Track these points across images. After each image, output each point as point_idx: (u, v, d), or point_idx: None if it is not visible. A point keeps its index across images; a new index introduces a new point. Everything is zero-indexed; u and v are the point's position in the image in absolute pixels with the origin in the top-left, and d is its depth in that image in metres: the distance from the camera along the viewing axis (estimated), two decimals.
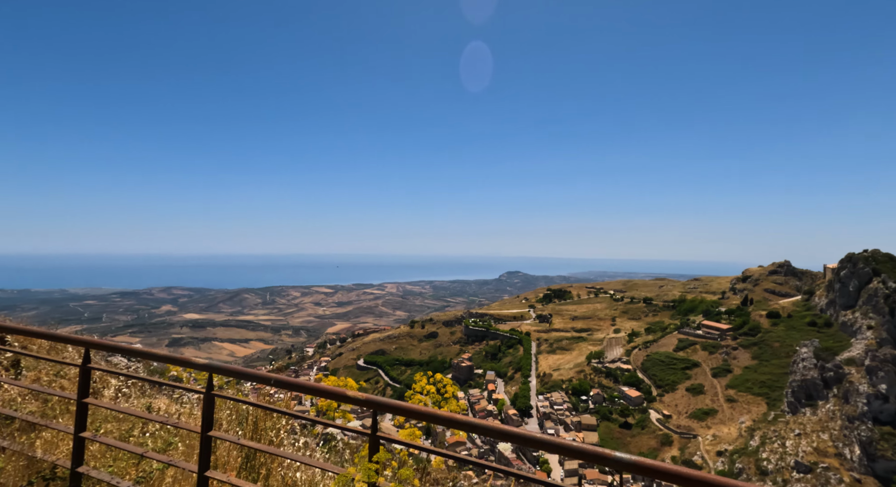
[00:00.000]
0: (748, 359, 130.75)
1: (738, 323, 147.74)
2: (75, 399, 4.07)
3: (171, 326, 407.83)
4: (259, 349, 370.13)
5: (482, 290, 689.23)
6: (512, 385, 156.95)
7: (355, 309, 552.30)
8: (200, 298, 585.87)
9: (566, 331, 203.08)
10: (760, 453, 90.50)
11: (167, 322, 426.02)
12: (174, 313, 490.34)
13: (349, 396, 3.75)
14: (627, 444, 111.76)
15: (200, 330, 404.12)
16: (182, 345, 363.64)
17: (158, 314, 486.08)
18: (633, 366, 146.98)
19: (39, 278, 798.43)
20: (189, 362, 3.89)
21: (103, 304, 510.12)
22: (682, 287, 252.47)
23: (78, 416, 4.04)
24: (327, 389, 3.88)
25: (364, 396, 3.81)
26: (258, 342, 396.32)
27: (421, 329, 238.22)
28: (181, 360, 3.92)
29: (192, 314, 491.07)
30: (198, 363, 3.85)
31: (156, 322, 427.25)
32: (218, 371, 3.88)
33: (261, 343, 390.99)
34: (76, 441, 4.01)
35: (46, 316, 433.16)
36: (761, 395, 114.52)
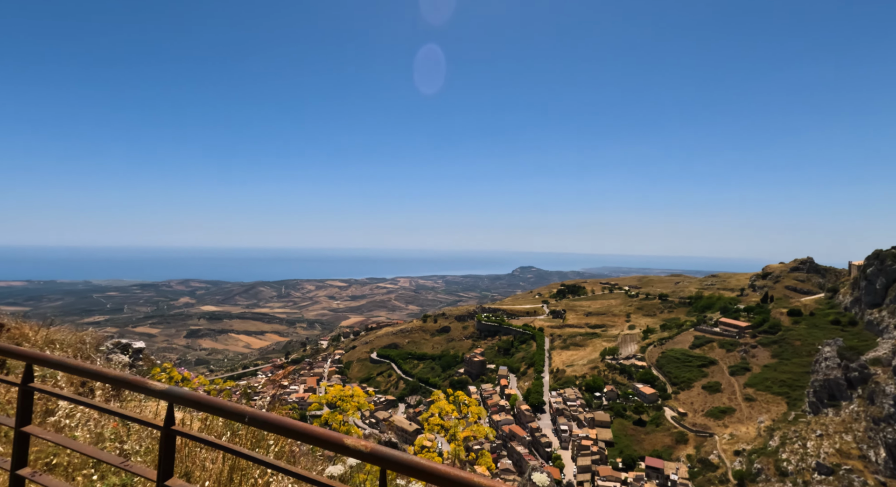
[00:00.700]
0: (768, 358, 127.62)
1: (757, 321, 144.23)
2: (12, 427, 3.23)
3: (188, 317, 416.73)
4: (274, 341, 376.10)
5: (494, 285, 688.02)
6: (525, 381, 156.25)
7: (368, 303, 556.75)
8: (217, 290, 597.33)
9: (580, 327, 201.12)
10: (780, 453, 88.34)
11: (185, 314, 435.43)
12: (192, 304, 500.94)
13: (348, 445, 3.04)
14: (641, 441, 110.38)
15: (217, 322, 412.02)
16: (200, 336, 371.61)
17: (177, 305, 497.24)
18: (648, 363, 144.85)
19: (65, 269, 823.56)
20: (144, 387, 3.09)
21: (125, 295, 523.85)
22: (698, 284, 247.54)
23: (16, 448, 3.19)
24: (318, 434, 3.08)
25: (369, 447, 3.06)
26: (273, 334, 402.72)
27: (433, 324, 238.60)
28: (135, 384, 3.11)
29: (209, 306, 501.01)
30: (155, 389, 3.07)
31: (174, 314, 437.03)
32: (179, 401, 3.09)
33: (276, 335, 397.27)
34: (13, 481, 3.18)
35: (71, 307, 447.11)
36: (781, 394, 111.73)
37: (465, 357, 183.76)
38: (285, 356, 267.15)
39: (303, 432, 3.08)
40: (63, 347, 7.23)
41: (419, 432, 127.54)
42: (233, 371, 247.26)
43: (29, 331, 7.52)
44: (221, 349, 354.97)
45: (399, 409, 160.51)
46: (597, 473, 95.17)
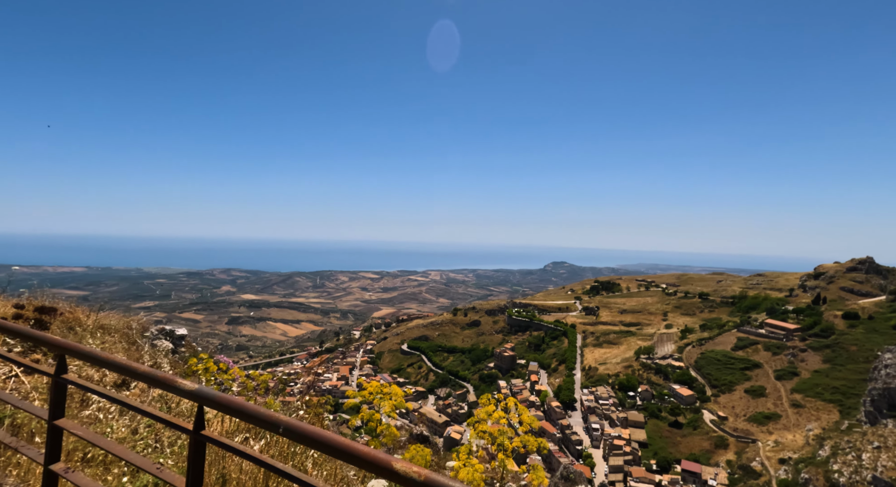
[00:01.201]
0: (818, 362, 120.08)
1: (808, 323, 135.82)
2: (46, 420, 3.11)
3: (230, 305, 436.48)
4: (309, 330, 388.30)
5: (526, 280, 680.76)
6: (555, 377, 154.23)
7: (400, 295, 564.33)
8: (256, 279, 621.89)
9: (614, 325, 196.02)
10: (831, 464, 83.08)
11: (227, 302, 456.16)
12: (233, 293, 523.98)
13: (397, 471, 2.70)
14: (677, 444, 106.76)
15: (256, 310, 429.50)
16: (240, 324, 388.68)
17: (219, 293, 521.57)
18: (686, 364, 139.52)
19: (120, 257, 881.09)
20: (173, 385, 2.84)
21: (172, 282, 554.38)
22: (743, 283, 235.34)
23: (49, 441, 3.08)
24: (363, 454, 2.75)
25: (423, 475, 2.70)
26: (309, 323, 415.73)
27: (464, 317, 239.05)
28: (164, 381, 2.85)
29: (249, 294, 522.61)
30: (184, 389, 2.82)
31: (217, 301, 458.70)
32: (210, 403, 2.82)
33: (311, 324, 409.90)
34: (46, 476, 3.04)
35: (125, 292, 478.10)
36: (833, 402, 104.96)
37: (495, 352, 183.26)
38: (320, 344, 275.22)
39: (345, 449, 2.79)
40: (111, 332, 7.52)
41: (448, 424, 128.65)
42: (270, 358, 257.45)
43: (82, 315, 7.84)
44: (260, 336, 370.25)
45: (429, 400, 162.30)
46: (629, 473, 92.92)
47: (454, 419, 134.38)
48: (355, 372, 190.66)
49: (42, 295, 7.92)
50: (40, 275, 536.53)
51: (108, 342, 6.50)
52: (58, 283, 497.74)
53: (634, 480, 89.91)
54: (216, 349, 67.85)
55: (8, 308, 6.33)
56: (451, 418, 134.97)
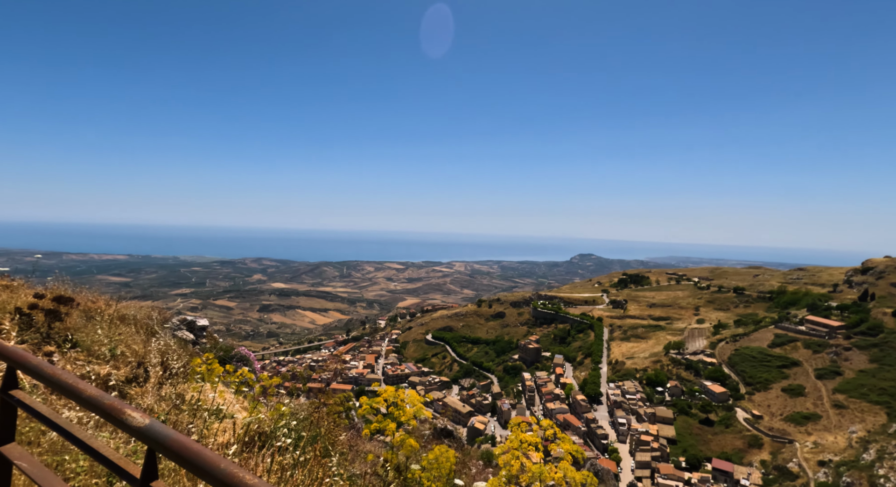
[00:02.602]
0: (864, 362, 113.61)
1: (853, 321, 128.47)
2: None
3: (261, 293, 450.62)
4: (336, 318, 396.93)
5: (552, 272, 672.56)
6: (581, 371, 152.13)
7: (424, 286, 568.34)
8: (286, 269, 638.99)
9: (642, 318, 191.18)
10: (876, 469, 78.85)
11: (258, 290, 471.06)
12: (263, 281, 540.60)
13: None
14: (708, 442, 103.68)
15: (286, 298, 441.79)
16: (270, 311, 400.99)
17: (251, 281, 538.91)
18: (719, 360, 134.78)
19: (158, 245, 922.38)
20: (120, 418, 2.20)
21: (206, 271, 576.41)
22: (781, 277, 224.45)
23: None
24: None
25: None
26: (336, 312, 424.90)
27: (488, 309, 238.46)
28: (110, 411, 2.20)
29: (279, 283, 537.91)
30: (132, 424, 2.18)
31: (248, 289, 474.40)
32: (160, 447, 2.16)
33: (338, 313, 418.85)
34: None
35: (163, 279, 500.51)
36: (881, 404, 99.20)
37: (519, 344, 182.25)
38: (346, 333, 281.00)
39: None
40: (130, 322, 7.47)
41: (472, 414, 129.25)
42: (300, 345, 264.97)
43: (103, 305, 7.84)
44: (289, 324, 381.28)
45: (453, 391, 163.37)
46: (657, 470, 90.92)
47: (478, 410, 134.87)
48: (381, 361, 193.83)
49: (64, 283, 7.96)
50: (87, 262, 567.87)
51: (125, 333, 6.39)
52: (103, 270, 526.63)
53: (662, 477, 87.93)
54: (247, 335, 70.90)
55: (27, 297, 6.34)
56: (475, 408, 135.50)
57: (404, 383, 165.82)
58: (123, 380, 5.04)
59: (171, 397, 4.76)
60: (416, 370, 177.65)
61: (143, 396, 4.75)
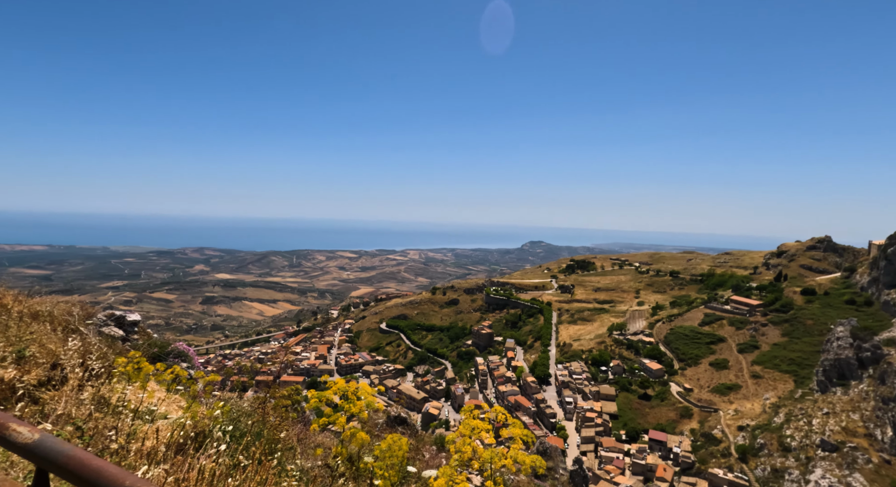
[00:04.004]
0: (778, 336, 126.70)
1: (769, 299, 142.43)
2: None
3: (203, 284, 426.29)
4: (286, 309, 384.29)
5: (504, 259, 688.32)
6: (531, 354, 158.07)
7: (378, 274, 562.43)
8: (231, 259, 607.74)
9: (588, 302, 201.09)
10: (784, 430, 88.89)
11: (200, 281, 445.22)
12: (206, 272, 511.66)
13: None
14: (646, 415, 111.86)
15: (231, 290, 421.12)
16: (215, 303, 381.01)
17: (192, 272, 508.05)
18: (656, 339, 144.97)
19: (84, 235, 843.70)
20: (3, 436, 1.83)
21: (142, 262, 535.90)
22: (711, 261, 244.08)
23: None
24: None
25: None
26: (285, 302, 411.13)
27: (442, 296, 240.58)
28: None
29: (224, 273, 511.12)
30: (18, 441, 1.81)
31: (190, 280, 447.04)
32: (51, 466, 1.78)
33: (288, 304, 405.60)
34: None
35: (92, 271, 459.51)
36: (789, 372, 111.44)
37: (473, 329, 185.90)
38: (297, 324, 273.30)
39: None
40: (45, 320, 6.74)
41: (427, 400, 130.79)
42: (247, 337, 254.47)
43: (11, 301, 7.02)
44: (236, 316, 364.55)
45: (408, 378, 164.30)
46: (600, 444, 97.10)
47: (432, 396, 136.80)
48: (333, 351, 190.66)
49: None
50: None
51: (39, 332, 5.75)
52: (17, 262, 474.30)
53: (605, 449, 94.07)
54: (189, 329, 66.96)
55: None
56: (430, 394, 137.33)
57: (358, 372, 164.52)
58: (35, 384, 4.58)
59: (93, 400, 4.38)
60: (371, 359, 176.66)
61: (59, 400, 4.33)
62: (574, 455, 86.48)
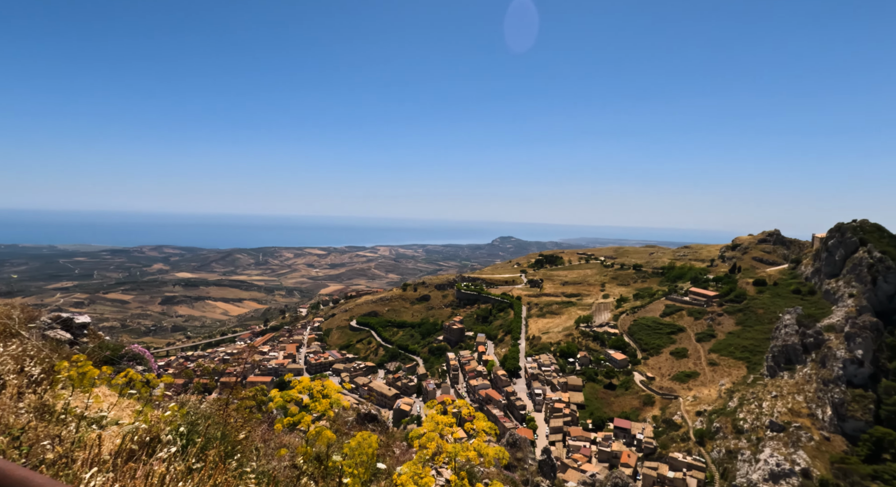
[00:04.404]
0: (732, 325, 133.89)
1: (724, 290, 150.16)
2: None
3: (163, 284, 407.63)
4: (252, 308, 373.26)
5: (475, 254, 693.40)
6: (502, 348, 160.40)
7: (348, 271, 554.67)
8: (193, 257, 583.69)
9: (556, 296, 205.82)
10: (738, 413, 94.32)
11: (160, 280, 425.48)
12: (166, 271, 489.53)
13: None
14: (611, 404, 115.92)
15: (193, 289, 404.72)
16: (175, 303, 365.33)
17: (150, 272, 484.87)
18: (620, 330, 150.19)
19: (27, 233, 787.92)
20: None
21: (94, 261, 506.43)
22: (672, 255, 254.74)
23: None
24: None
25: None
26: (252, 301, 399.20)
27: (413, 292, 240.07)
28: None
29: (185, 272, 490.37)
30: None
31: (148, 280, 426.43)
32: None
33: (254, 303, 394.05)
34: None
35: (37, 272, 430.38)
36: (742, 359, 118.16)
37: (444, 325, 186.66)
38: (264, 323, 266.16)
39: None
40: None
41: (398, 396, 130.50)
42: (211, 338, 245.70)
43: None
44: (198, 316, 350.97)
45: (379, 375, 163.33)
46: (568, 433, 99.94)
47: (404, 392, 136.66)
48: (303, 350, 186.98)
49: None
50: None
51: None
52: None
53: (572, 439, 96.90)
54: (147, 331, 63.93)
55: None
56: (401, 390, 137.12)
57: (328, 371, 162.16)
58: None
59: (34, 408, 4.12)
60: (341, 357, 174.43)
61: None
62: (543, 446, 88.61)
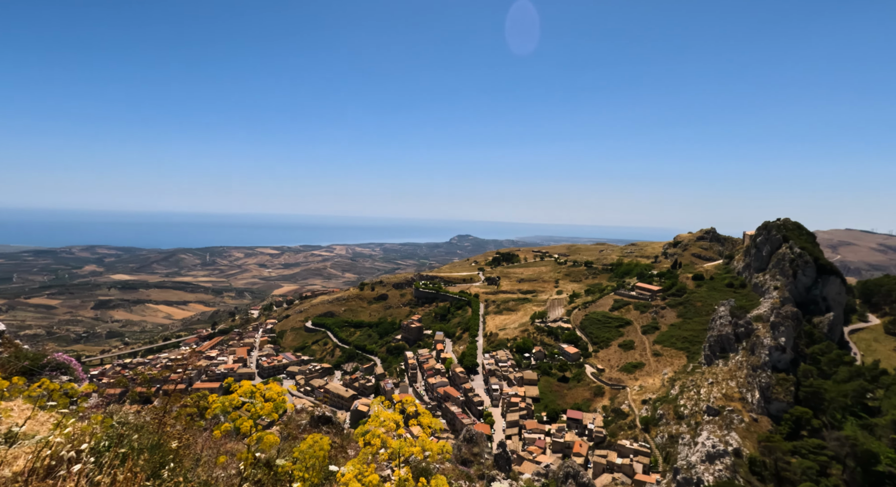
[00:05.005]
0: (674, 317, 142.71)
1: (667, 285, 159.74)
2: None
3: (96, 287, 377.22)
4: (199, 311, 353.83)
5: (433, 253, 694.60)
6: (460, 345, 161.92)
7: (303, 271, 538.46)
8: (130, 258, 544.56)
9: (513, 293, 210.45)
10: (679, 400, 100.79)
11: (92, 283, 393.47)
12: (100, 273, 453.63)
13: None
14: (564, 396, 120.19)
15: (132, 292, 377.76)
16: (111, 308, 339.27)
17: (81, 274, 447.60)
18: (573, 325, 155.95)
19: None
20: None
21: (13, 263, 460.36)
22: (620, 252, 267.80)
23: None
24: None
25: None
26: (198, 304, 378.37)
27: (371, 291, 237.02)
28: None
29: (122, 274, 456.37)
30: None
31: (78, 283, 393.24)
32: None
33: (201, 305, 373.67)
34: None
35: None
36: (683, 349, 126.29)
37: (402, 324, 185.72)
38: (212, 326, 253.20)
39: None
40: None
41: (356, 397, 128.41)
42: (152, 344, 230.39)
43: None
44: (138, 321, 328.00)
45: (335, 376, 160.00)
46: (524, 427, 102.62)
47: (361, 392, 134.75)
48: (254, 354, 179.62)
49: None
50: None
51: None
52: None
53: (528, 431, 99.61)
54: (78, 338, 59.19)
55: None
56: (359, 391, 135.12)
57: (282, 374, 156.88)
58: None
59: None
60: (296, 360, 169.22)
61: None
62: (500, 439, 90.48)
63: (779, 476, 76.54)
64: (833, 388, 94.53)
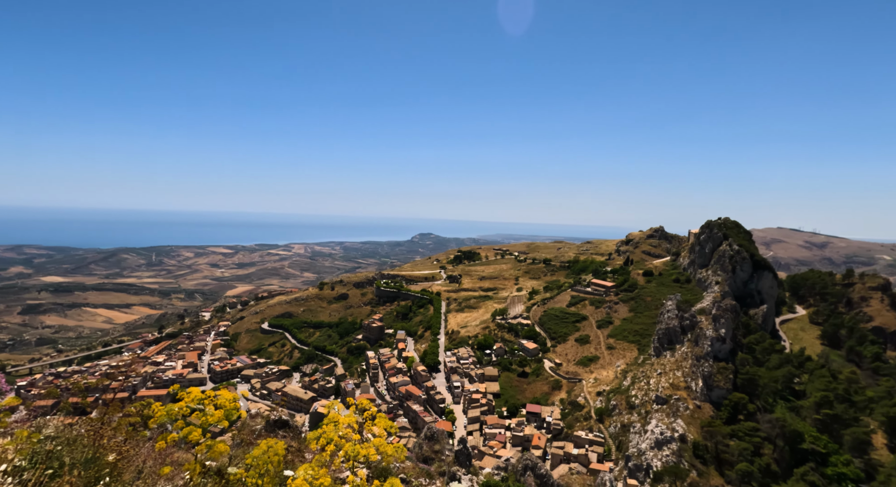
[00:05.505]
0: (626, 312, 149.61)
1: (620, 281, 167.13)
2: None
3: (24, 290, 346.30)
4: (144, 314, 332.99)
5: (394, 251, 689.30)
6: (422, 343, 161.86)
7: (259, 270, 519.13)
8: (64, 258, 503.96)
9: (474, 291, 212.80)
10: (630, 391, 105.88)
11: (19, 286, 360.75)
12: (28, 275, 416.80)
13: None
14: (524, 391, 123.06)
15: (66, 295, 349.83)
16: (41, 312, 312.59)
17: (6, 276, 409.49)
18: (532, 321, 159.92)
19: None
20: None
21: None
22: (576, 249, 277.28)
23: None
24: None
25: None
26: (143, 307, 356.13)
27: (330, 291, 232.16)
28: None
29: (54, 276, 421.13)
30: None
31: (4, 287, 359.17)
32: None
33: (146, 308, 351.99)
34: None
35: None
36: (634, 342, 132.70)
37: (363, 323, 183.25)
38: (159, 330, 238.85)
39: None
40: None
41: (315, 399, 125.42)
42: (90, 350, 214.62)
43: None
44: (73, 326, 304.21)
45: (294, 378, 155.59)
46: (485, 422, 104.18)
47: (321, 394, 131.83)
48: (206, 358, 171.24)
49: None
50: None
51: None
52: None
53: (489, 427, 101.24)
54: (3, 347, 54.59)
55: None
56: (319, 393, 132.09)
57: (237, 378, 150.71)
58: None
59: None
60: (251, 363, 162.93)
61: None
62: (461, 436, 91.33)
63: (719, 458, 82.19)
64: (766, 374, 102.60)
